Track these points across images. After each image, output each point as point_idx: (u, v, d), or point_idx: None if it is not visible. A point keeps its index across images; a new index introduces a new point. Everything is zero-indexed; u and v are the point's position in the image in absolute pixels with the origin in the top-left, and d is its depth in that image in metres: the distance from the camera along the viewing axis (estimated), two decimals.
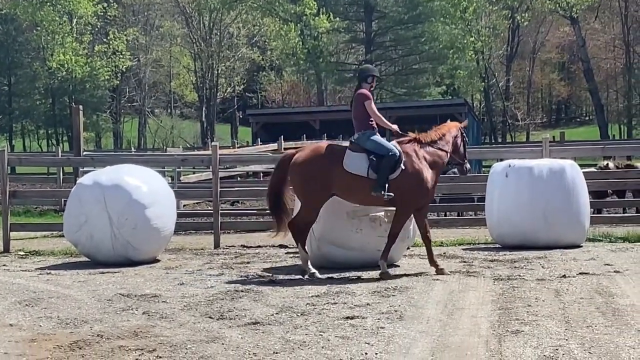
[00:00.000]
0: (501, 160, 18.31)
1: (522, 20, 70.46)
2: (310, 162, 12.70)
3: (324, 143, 13.63)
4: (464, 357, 7.77)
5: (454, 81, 71.63)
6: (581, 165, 17.02)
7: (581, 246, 15.21)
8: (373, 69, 14.24)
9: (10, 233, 17.46)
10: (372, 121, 13.02)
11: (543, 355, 7.72)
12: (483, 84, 70.88)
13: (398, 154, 12.70)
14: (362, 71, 13.97)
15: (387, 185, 12.42)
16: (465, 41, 66.85)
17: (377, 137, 12.95)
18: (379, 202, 12.70)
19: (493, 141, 70.17)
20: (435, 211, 21.74)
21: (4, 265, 14.94)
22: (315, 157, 12.74)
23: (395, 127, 13.36)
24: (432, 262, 12.70)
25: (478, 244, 16.38)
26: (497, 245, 15.66)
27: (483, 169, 41.63)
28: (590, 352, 7.77)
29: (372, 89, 13.48)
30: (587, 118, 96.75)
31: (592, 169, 21.66)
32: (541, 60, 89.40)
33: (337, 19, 70.50)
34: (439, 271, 12.49)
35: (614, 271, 12.26)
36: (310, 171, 12.63)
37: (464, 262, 13.77)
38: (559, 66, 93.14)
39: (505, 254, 14.37)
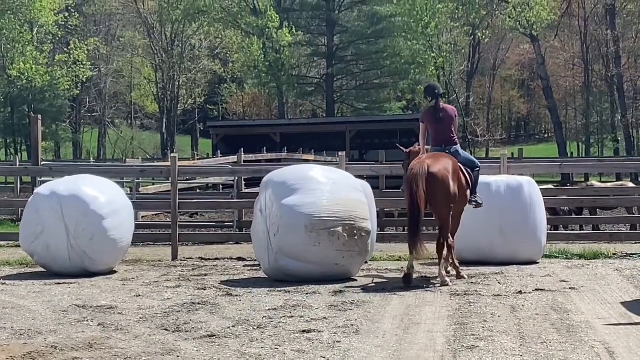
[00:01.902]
0: None
1: (483, 37, 70.93)
2: (451, 170, 13.14)
3: (440, 153, 13.76)
4: None
5: (415, 96, 71.96)
6: (539, 183, 17.12)
7: (538, 262, 15.29)
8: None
9: None
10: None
11: None
12: (444, 99, 71.25)
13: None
14: (438, 88, 14.87)
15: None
16: (426, 57, 67.19)
17: (464, 151, 14.48)
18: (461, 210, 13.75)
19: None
20: (393, 226, 21.77)
21: None
22: (451, 166, 13.24)
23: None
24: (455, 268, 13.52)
25: (435, 259, 16.38)
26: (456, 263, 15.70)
27: None
28: None
29: None
30: (546, 135, 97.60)
31: (550, 186, 21.82)
32: (501, 77, 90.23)
33: (300, 32, 70.73)
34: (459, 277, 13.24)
35: (570, 288, 12.34)
36: (453, 179, 13.10)
37: (421, 277, 13.81)
38: (519, 83, 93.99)
39: (462, 269, 14.39)
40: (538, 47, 67.29)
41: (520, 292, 11.97)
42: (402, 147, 15.68)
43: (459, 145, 14.27)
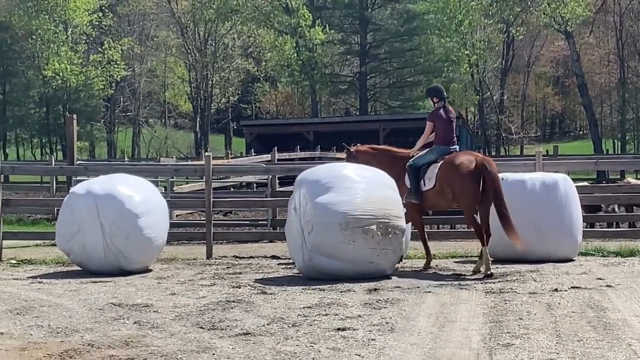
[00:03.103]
0: None
1: (517, 34, 70.55)
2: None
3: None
4: None
5: (449, 94, 71.57)
6: (574, 180, 17.02)
7: (573, 260, 15.22)
8: None
9: (3, 241, 17.45)
10: None
11: None
12: (477, 97, 70.88)
13: None
14: (443, 90, 15.56)
15: None
16: (460, 54, 66.91)
17: None
18: None
19: (487, 154, 70.14)
20: (428, 224, 21.69)
21: None
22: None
23: None
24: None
25: (470, 256, 16.37)
26: (490, 259, 15.64)
27: None
28: None
29: None
30: (580, 132, 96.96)
31: (586, 183, 21.69)
32: (535, 74, 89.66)
33: (332, 31, 70.66)
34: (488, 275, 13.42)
35: (606, 285, 12.26)
36: None
37: (456, 275, 13.78)
38: (553, 80, 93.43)
39: (497, 267, 14.36)
40: (573, 43, 66.82)
41: (556, 289, 11.91)
42: (347, 146, 15.85)
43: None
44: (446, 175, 14.00)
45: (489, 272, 13.45)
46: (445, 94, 15.17)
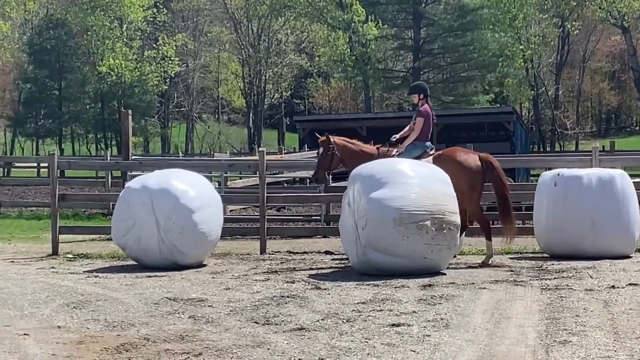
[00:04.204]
0: (550, 169, 18.15)
1: (573, 28, 69.94)
2: None
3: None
4: None
5: (503, 89, 71.24)
6: (631, 176, 16.81)
7: (630, 257, 15.04)
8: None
9: (59, 236, 17.62)
10: None
11: None
12: (532, 92, 70.39)
13: None
14: (427, 88, 16.05)
15: None
16: (514, 49, 66.50)
17: None
18: None
19: (542, 150, 69.63)
20: None
21: (52, 267, 15.09)
22: None
23: None
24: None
25: (525, 253, 16.27)
26: (545, 255, 15.54)
27: (531, 177, 41.32)
28: None
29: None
30: (637, 128, 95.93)
31: None
32: (591, 69, 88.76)
33: (386, 26, 70.50)
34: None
35: None
36: None
37: (511, 271, 13.68)
38: (609, 75, 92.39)
39: (553, 264, 14.25)
40: (629, 38, 66.15)
41: (613, 286, 11.78)
42: (319, 135, 15.78)
43: None
44: (450, 172, 13.98)
45: (488, 262, 14.27)
46: (428, 91, 15.65)
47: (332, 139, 15.06)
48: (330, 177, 14.92)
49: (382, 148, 15.14)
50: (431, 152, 15.04)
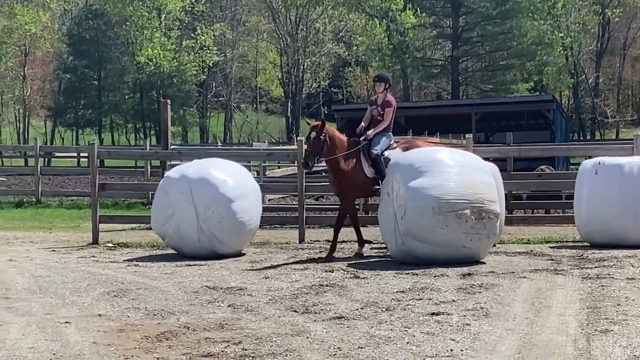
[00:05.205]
0: (590, 157, 18.01)
1: (613, 15, 69.41)
2: None
3: None
4: (551, 355, 7.67)
5: (542, 77, 70.85)
6: None
7: None
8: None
9: (99, 225, 17.73)
10: None
11: (633, 355, 7.59)
12: (572, 80, 69.94)
13: None
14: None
15: None
16: (553, 37, 66.07)
17: None
18: None
19: (582, 138, 69.19)
20: (522, 208, 21.53)
21: (93, 256, 15.20)
22: None
23: None
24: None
25: (566, 242, 16.16)
26: (586, 244, 15.42)
27: (572, 166, 41.05)
28: None
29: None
30: None
31: None
32: (632, 57, 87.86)
33: (424, 14, 70.29)
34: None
35: None
36: None
37: (552, 260, 13.60)
38: None
39: (593, 252, 14.15)
40: None
41: None
42: (307, 121, 15.85)
43: None
44: None
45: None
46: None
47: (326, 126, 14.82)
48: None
49: (352, 139, 14.94)
50: (394, 144, 14.92)
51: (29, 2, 72.03)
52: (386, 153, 14.54)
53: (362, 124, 15.02)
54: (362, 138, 14.71)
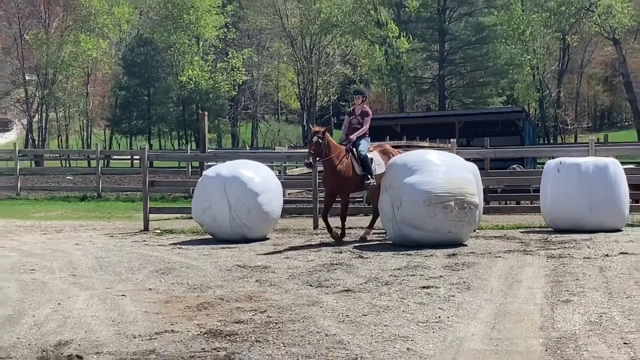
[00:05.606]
0: (553, 158, 17.96)
1: (572, 41, 68.99)
2: None
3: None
4: (522, 321, 7.66)
5: (514, 92, 70.49)
6: (622, 163, 16.58)
7: (622, 230, 14.85)
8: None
9: (149, 215, 17.76)
10: None
11: (589, 320, 7.58)
12: (538, 94, 69.58)
13: None
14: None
15: None
16: (523, 59, 65.77)
17: None
18: None
19: (546, 142, 68.90)
20: (497, 200, 21.49)
21: (144, 241, 15.23)
22: None
23: None
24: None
25: (534, 227, 16.13)
26: (550, 229, 15.39)
27: (538, 165, 40.89)
28: (629, 319, 7.61)
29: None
30: (626, 123, 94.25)
31: (632, 165, 21.08)
32: (587, 75, 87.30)
33: (416, 40, 70.11)
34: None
35: None
36: None
37: (522, 242, 13.57)
38: (603, 80, 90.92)
39: (556, 236, 14.12)
40: (620, 49, 65.16)
41: (607, 255, 11.65)
42: (312, 125, 15.48)
43: None
44: (385, 161, 14.41)
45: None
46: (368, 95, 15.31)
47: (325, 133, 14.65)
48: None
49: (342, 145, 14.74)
50: (371, 147, 14.75)
51: (91, 31, 71.77)
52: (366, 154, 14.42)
53: (342, 134, 14.84)
54: (346, 142, 14.60)
